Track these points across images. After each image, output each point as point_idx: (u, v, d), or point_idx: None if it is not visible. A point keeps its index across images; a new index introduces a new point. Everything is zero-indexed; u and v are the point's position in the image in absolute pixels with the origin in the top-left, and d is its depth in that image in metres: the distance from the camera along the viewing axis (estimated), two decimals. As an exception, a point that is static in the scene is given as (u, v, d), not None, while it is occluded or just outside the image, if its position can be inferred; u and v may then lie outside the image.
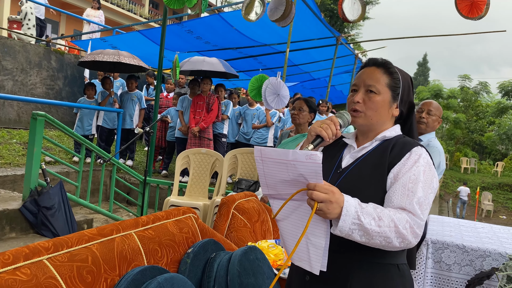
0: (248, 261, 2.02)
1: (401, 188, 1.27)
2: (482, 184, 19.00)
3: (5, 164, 5.84)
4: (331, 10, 22.66)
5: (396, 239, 1.19)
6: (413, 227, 1.20)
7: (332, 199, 1.15)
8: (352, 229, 1.17)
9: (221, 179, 5.02)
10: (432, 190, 1.29)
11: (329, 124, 1.38)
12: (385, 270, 1.33)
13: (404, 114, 1.47)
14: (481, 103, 25.26)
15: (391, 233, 1.18)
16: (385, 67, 1.43)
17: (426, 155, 1.34)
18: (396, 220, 1.19)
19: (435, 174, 1.33)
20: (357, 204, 1.18)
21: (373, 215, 1.18)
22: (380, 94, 1.40)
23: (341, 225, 1.16)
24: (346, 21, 4.25)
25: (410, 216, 1.21)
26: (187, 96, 6.72)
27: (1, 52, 7.75)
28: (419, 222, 1.22)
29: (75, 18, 11.84)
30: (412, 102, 1.47)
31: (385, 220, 1.18)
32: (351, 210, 1.16)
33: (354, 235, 1.18)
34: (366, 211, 1.18)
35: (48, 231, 3.77)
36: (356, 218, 1.16)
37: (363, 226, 1.16)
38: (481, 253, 2.76)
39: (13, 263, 1.25)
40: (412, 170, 1.29)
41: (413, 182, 1.27)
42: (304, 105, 3.43)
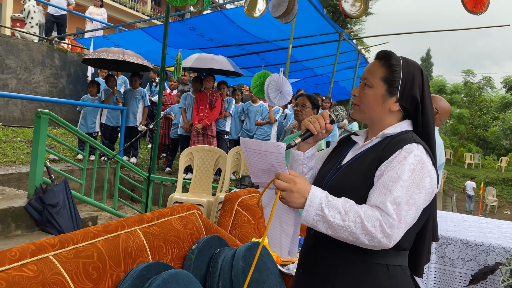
0: (252, 257, 2.03)
1: (381, 186, 1.22)
2: (486, 180, 18.95)
3: (10, 162, 5.87)
4: (333, 6, 22.58)
5: (363, 236, 1.15)
6: (383, 226, 1.15)
7: (293, 188, 1.19)
8: (316, 220, 1.18)
9: (225, 176, 5.03)
10: (421, 191, 1.22)
11: (318, 118, 1.40)
12: (370, 269, 1.28)
13: (410, 110, 1.38)
14: (485, 98, 25.16)
15: (357, 229, 1.15)
16: (386, 59, 1.38)
17: (421, 152, 1.26)
18: (364, 217, 1.16)
19: (430, 173, 1.26)
20: (323, 196, 1.20)
21: (339, 209, 1.17)
22: (373, 87, 1.37)
23: (304, 215, 1.19)
24: (347, 16, 4.24)
25: (382, 215, 1.16)
26: (189, 94, 6.73)
27: (5, 50, 7.78)
28: (391, 222, 1.15)
29: (77, 16, 11.84)
30: (415, 97, 1.35)
31: (351, 215, 1.16)
32: (315, 201, 1.18)
33: (319, 226, 1.19)
34: (332, 204, 1.18)
35: (53, 228, 3.80)
36: (320, 210, 1.17)
37: (327, 219, 1.17)
38: (485, 248, 2.76)
39: (19, 260, 1.26)
40: (396, 168, 1.23)
41: (394, 180, 1.21)
42: (307, 101, 3.43)
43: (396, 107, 1.37)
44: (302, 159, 1.49)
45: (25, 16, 9.60)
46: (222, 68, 6.86)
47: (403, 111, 1.38)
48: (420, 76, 1.37)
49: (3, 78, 7.75)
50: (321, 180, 1.44)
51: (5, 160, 5.86)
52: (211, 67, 6.78)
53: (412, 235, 1.32)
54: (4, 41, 7.80)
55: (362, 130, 1.52)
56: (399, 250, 1.29)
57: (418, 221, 1.28)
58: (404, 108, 1.37)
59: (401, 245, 1.27)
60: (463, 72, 26.37)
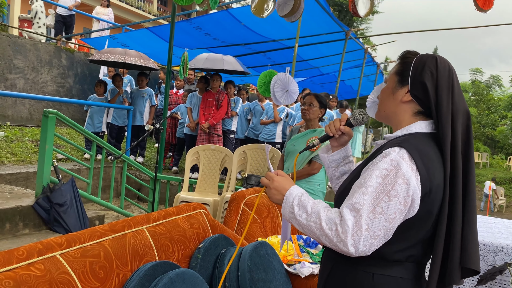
0: (259, 256, 2.02)
1: (351, 190, 1.22)
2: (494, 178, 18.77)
3: (18, 161, 5.91)
4: (340, 5, 22.50)
5: (323, 237, 1.17)
6: (338, 231, 1.14)
7: (271, 185, 1.31)
8: (290, 217, 1.26)
9: (231, 175, 5.03)
10: (392, 198, 1.14)
11: (335, 121, 1.47)
12: (355, 276, 1.26)
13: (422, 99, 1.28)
14: (493, 96, 24.96)
15: (317, 230, 1.18)
16: (402, 56, 1.37)
17: (400, 157, 1.17)
18: (324, 219, 1.17)
19: (409, 180, 1.14)
20: (297, 195, 1.26)
21: (307, 209, 1.22)
22: (387, 82, 1.38)
23: (282, 211, 1.28)
24: (356, 15, 4.21)
25: (340, 219, 1.15)
26: (196, 93, 6.74)
27: (13, 50, 7.84)
28: (345, 227, 1.13)
29: (84, 16, 11.90)
30: (423, 82, 1.25)
31: (313, 216, 1.20)
32: (290, 200, 1.26)
33: (293, 222, 1.25)
34: (303, 204, 1.23)
35: (60, 227, 3.82)
36: (292, 207, 1.25)
37: (295, 217, 1.23)
38: (493, 248, 2.73)
39: (27, 259, 1.27)
40: (366, 173, 1.20)
41: (359, 186, 1.18)
42: (314, 100, 3.41)
43: (407, 97, 1.30)
44: (327, 161, 1.56)
45: (33, 17, 9.67)
46: (232, 69, 6.89)
47: (418, 102, 1.29)
48: (434, 63, 1.27)
49: (11, 78, 7.81)
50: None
51: (13, 160, 5.91)
52: (222, 67, 6.80)
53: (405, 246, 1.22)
54: (12, 41, 7.86)
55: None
56: (387, 261, 1.23)
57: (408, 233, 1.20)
58: (416, 98, 1.29)
59: (387, 256, 1.22)
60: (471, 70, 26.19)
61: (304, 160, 3.45)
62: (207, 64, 6.87)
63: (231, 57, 7.15)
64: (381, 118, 1.42)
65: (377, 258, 1.22)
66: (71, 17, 10.09)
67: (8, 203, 3.69)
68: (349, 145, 1.54)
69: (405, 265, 1.25)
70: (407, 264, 1.25)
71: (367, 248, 1.14)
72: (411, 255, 1.24)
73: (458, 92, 1.27)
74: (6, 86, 7.71)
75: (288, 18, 4.52)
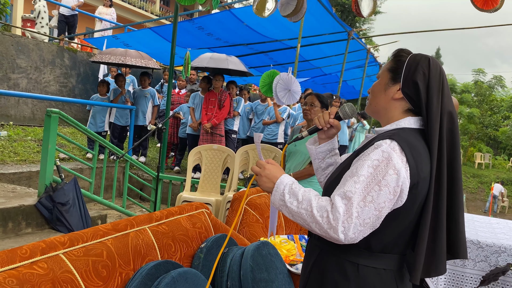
0: (261, 256, 2.03)
1: (342, 179, 1.25)
2: (497, 180, 18.72)
3: (21, 161, 5.93)
4: (342, 5, 22.47)
5: (313, 224, 1.19)
6: (329, 218, 1.16)
7: (262, 173, 1.33)
8: (280, 204, 1.27)
9: (233, 175, 5.04)
10: (382, 188, 1.17)
11: (324, 114, 1.51)
12: (340, 265, 1.30)
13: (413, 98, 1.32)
14: (495, 97, 24.85)
15: (308, 217, 1.20)
16: (395, 53, 1.41)
17: (391, 149, 1.21)
18: (315, 206, 1.19)
19: (399, 171, 1.18)
20: (288, 183, 1.28)
21: (298, 197, 1.23)
22: (379, 78, 1.42)
23: (272, 199, 1.29)
24: (359, 15, 4.21)
25: (331, 207, 1.17)
26: (198, 93, 6.75)
27: (15, 50, 7.86)
28: (336, 214, 1.15)
29: (87, 16, 11.93)
30: (415, 81, 1.30)
31: (304, 203, 1.21)
32: (281, 188, 1.27)
33: (283, 210, 1.26)
34: (293, 191, 1.25)
35: (63, 226, 3.83)
36: (282, 195, 1.26)
37: (286, 204, 1.24)
38: (496, 248, 2.72)
39: (30, 257, 1.27)
40: (357, 163, 1.24)
41: (351, 175, 1.22)
42: (316, 100, 3.41)
43: (398, 95, 1.34)
44: (314, 153, 1.59)
45: (36, 16, 9.70)
46: (237, 69, 6.89)
47: (409, 101, 1.33)
48: (427, 64, 1.32)
49: (14, 78, 7.83)
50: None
51: (16, 159, 5.92)
52: (226, 67, 6.80)
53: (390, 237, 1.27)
54: (15, 41, 7.88)
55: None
56: (372, 252, 1.27)
57: (392, 221, 1.24)
58: (407, 96, 1.33)
59: (372, 246, 1.26)
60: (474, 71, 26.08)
61: (305, 161, 3.45)
62: (211, 63, 6.87)
63: (235, 57, 7.17)
64: (371, 112, 1.45)
65: (362, 248, 1.27)
66: (73, 17, 10.12)
67: (11, 202, 3.70)
68: (335, 138, 1.59)
69: (389, 257, 1.29)
70: (390, 255, 1.30)
71: (356, 236, 1.17)
72: (395, 246, 1.29)
73: (447, 93, 1.32)
74: (9, 86, 7.73)
75: (290, 18, 4.53)
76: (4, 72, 7.66)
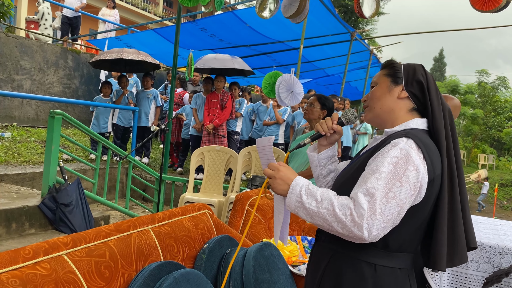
0: (263, 257, 2.03)
1: (360, 179, 1.25)
2: (501, 181, 18.66)
3: (24, 162, 5.95)
4: (345, 6, 22.46)
5: (336, 223, 1.18)
6: (353, 216, 1.16)
7: (277, 175, 1.31)
8: (297, 206, 1.25)
9: (236, 176, 5.04)
10: (403, 184, 1.20)
11: (327, 120, 1.51)
12: (356, 266, 1.30)
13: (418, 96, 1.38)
14: (499, 98, 24.76)
15: (329, 216, 1.19)
16: (386, 64, 1.47)
17: (409, 146, 1.24)
18: (336, 205, 1.19)
19: (418, 167, 1.22)
20: (304, 185, 1.26)
21: (317, 197, 1.22)
22: (378, 84, 1.45)
23: (287, 201, 1.28)
24: (362, 16, 4.21)
25: (354, 204, 1.17)
26: (201, 94, 6.76)
27: (19, 52, 7.90)
28: (361, 211, 1.15)
29: (90, 18, 11.97)
30: (420, 80, 1.37)
31: (325, 203, 1.20)
32: (297, 189, 1.26)
33: (300, 213, 1.25)
34: (311, 192, 1.24)
35: (66, 227, 3.84)
36: (299, 196, 1.24)
37: (304, 205, 1.23)
38: (499, 250, 2.71)
39: (33, 258, 1.28)
40: (377, 160, 1.25)
41: (372, 172, 1.22)
42: (316, 101, 3.41)
43: (404, 94, 1.39)
44: (316, 160, 1.57)
45: (39, 18, 9.74)
46: (243, 68, 6.91)
47: (413, 99, 1.39)
48: (422, 69, 1.41)
49: (18, 79, 7.87)
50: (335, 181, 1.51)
51: (19, 160, 5.95)
52: (232, 67, 6.81)
53: (407, 235, 1.29)
54: (18, 42, 7.92)
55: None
56: (389, 251, 1.29)
57: (410, 219, 1.26)
58: (412, 94, 1.39)
59: (390, 245, 1.28)
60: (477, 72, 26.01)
61: (307, 162, 3.45)
62: (216, 64, 6.87)
63: (239, 58, 7.19)
64: (373, 117, 1.46)
65: (379, 248, 1.28)
66: (77, 19, 10.16)
67: (14, 203, 3.72)
68: (336, 145, 1.59)
69: (404, 256, 1.31)
70: (405, 254, 1.32)
71: (379, 233, 1.17)
72: (410, 245, 1.31)
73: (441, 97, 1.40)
74: (13, 87, 7.77)
75: (293, 20, 4.53)
76: (8, 74, 7.70)
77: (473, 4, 3.55)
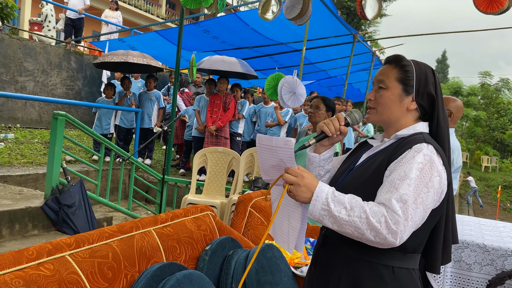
0: (266, 258, 2.03)
1: (388, 184, 1.23)
2: (504, 183, 18.60)
3: (28, 163, 5.97)
4: (348, 8, 22.45)
5: (368, 231, 1.16)
6: (389, 222, 1.15)
7: (301, 182, 1.22)
8: (322, 214, 1.20)
9: (238, 178, 5.04)
10: (429, 189, 1.21)
11: (333, 120, 1.45)
12: (375, 270, 1.29)
13: (426, 108, 1.39)
14: (502, 100, 24.70)
15: (362, 224, 1.16)
16: (396, 61, 1.41)
17: (430, 152, 1.26)
18: (370, 212, 1.16)
19: (440, 173, 1.25)
20: (330, 192, 1.21)
21: (345, 204, 1.18)
22: (389, 89, 1.39)
23: (311, 209, 1.21)
24: (364, 18, 4.21)
25: (388, 211, 1.17)
26: (203, 96, 6.77)
27: (23, 53, 7.93)
28: (397, 218, 1.15)
29: (93, 19, 12.01)
30: (431, 93, 1.38)
31: (356, 211, 1.17)
32: (322, 196, 1.20)
33: (325, 221, 1.21)
34: (338, 199, 1.20)
35: (69, 228, 3.85)
36: (326, 204, 1.19)
37: (332, 213, 1.18)
38: (502, 252, 2.71)
39: (36, 259, 1.28)
40: (404, 166, 1.24)
41: (401, 178, 1.21)
42: (321, 103, 3.41)
43: (413, 106, 1.39)
44: (318, 161, 1.53)
45: (43, 20, 9.78)
46: (248, 72, 6.92)
47: (420, 110, 1.40)
48: (432, 75, 1.40)
49: (21, 81, 7.90)
50: (336, 181, 1.47)
51: (23, 161, 5.97)
52: (239, 70, 6.81)
53: (422, 237, 1.31)
54: (22, 44, 7.95)
55: (379, 135, 1.54)
56: (405, 253, 1.30)
57: (427, 222, 1.28)
58: (420, 106, 1.39)
59: (407, 247, 1.28)
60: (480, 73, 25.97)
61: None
62: (224, 66, 6.86)
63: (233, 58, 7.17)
64: (379, 121, 1.44)
65: (396, 250, 1.27)
66: (80, 21, 10.20)
67: (17, 204, 3.73)
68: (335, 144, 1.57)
69: (416, 256, 1.34)
70: (417, 255, 1.34)
71: (406, 237, 1.18)
72: (422, 246, 1.34)
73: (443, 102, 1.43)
74: (16, 89, 7.80)
75: (295, 21, 4.53)
76: (11, 75, 7.73)
77: (477, 6, 3.55)
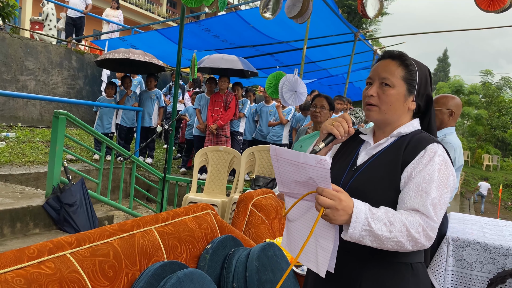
0: (267, 257, 2.03)
1: (414, 188, 1.22)
2: (505, 182, 18.58)
3: (29, 162, 5.98)
4: (349, 6, 22.43)
5: (408, 243, 1.17)
6: (426, 230, 1.17)
7: (339, 206, 1.13)
8: (363, 235, 1.15)
9: (239, 176, 5.04)
10: (448, 189, 1.25)
11: (341, 121, 1.36)
12: (396, 269, 1.30)
13: (422, 108, 1.42)
14: (503, 98, 24.67)
15: (403, 237, 1.16)
16: (401, 59, 1.38)
17: (442, 152, 1.29)
18: (408, 224, 1.16)
19: (452, 171, 1.28)
20: (367, 210, 1.16)
21: (384, 221, 1.15)
22: (395, 87, 1.36)
23: (351, 231, 1.15)
24: (365, 17, 4.21)
25: (423, 219, 1.18)
26: (204, 94, 6.77)
27: (24, 52, 7.93)
28: (432, 224, 1.18)
29: (94, 18, 12.01)
30: (429, 95, 1.41)
31: (397, 225, 1.16)
32: (361, 216, 1.14)
33: (365, 240, 1.17)
34: (377, 216, 1.16)
35: (70, 227, 3.85)
36: (367, 224, 1.14)
37: (374, 232, 1.14)
38: (503, 251, 2.70)
39: (38, 257, 1.28)
40: (426, 169, 1.24)
41: (427, 182, 1.22)
42: (325, 102, 3.40)
43: (413, 106, 1.40)
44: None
45: (44, 19, 9.78)
46: (249, 70, 6.92)
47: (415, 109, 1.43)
48: (429, 76, 1.44)
49: (22, 80, 7.90)
50: (336, 180, 1.39)
51: (24, 160, 5.97)
52: (240, 68, 6.81)
53: None
54: (23, 43, 7.95)
55: (368, 129, 1.50)
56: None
57: None
58: (418, 106, 1.42)
59: None
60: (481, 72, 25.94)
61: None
62: (224, 64, 6.86)
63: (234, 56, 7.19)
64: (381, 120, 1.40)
65: None
66: (81, 20, 10.21)
67: (19, 203, 3.73)
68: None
69: (424, 251, 1.36)
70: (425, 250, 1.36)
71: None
72: None
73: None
74: (17, 88, 7.80)
75: (296, 20, 4.53)
76: (12, 74, 7.74)
77: (479, 4, 3.55)
